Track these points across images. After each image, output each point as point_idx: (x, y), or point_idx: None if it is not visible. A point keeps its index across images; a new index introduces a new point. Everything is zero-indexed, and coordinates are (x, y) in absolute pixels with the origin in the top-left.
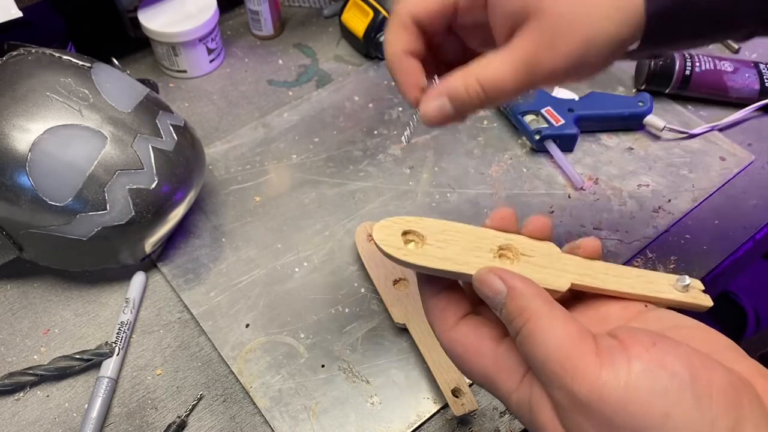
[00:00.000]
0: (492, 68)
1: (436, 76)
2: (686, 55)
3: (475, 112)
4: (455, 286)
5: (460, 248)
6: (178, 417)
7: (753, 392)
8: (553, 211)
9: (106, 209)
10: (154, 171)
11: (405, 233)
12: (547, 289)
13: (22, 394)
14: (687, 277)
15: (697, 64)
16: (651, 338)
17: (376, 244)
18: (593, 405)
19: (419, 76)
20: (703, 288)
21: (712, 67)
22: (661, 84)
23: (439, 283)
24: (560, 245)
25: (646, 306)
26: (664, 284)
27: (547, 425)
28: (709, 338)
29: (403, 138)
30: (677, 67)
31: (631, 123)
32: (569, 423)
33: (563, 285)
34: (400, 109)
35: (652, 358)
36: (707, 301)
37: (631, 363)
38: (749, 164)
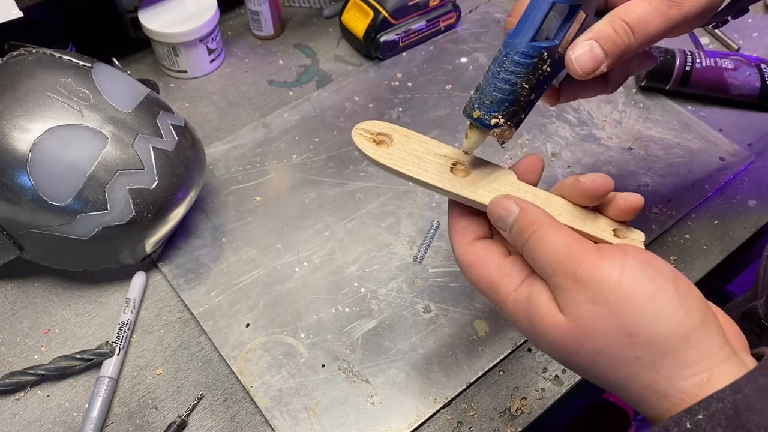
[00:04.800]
0: (636, 8)
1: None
2: (687, 52)
3: (625, 58)
4: (479, 214)
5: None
6: (179, 417)
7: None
8: None
9: (106, 209)
10: (155, 171)
11: (378, 134)
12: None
13: (22, 393)
14: (626, 230)
15: (698, 60)
16: (641, 249)
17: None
18: (593, 284)
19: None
20: (642, 239)
21: (713, 64)
22: (661, 81)
23: (467, 207)
24: None
25: None
26: (605, 226)
27: (543, 308)
28: None
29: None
30: (677, 63)
31: None
32: (566, 302)
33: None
34: (400, 109)
35: (643, 258)
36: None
37: (626, 257)
38: (749, 164)
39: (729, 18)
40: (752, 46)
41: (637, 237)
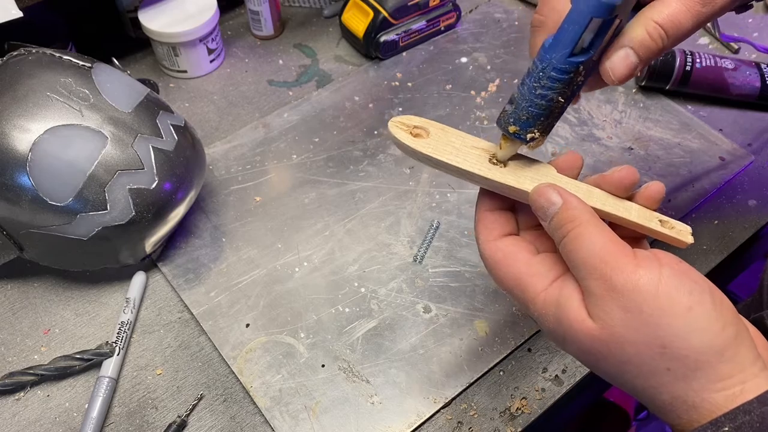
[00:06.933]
0: (669, 9)
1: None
2: (687, 52)
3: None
4: (508, 209)
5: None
6: (179, 417)
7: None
8: None
9: (106, 209)
10: (155, 171)
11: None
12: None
13: (22, 393)
14: (671, 220)
15: (698, 60)
16: (677, 259)
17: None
18: (627, 293)
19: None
20: (690, 231)
21: (713, 64)
22: (662, 80)
23: (497, 202)
24: None
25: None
26: (653, 219)
27: (572, 312)
28: None
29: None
30: (678, 62)
31: None
32: (598, 309)
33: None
34: (400, 109)
35: (680, 269)
36: (688, 239)
37: (663, 268)
38: (749, 164)
39: (753, 2)
40: (752, 47)
41: (684, 228)
